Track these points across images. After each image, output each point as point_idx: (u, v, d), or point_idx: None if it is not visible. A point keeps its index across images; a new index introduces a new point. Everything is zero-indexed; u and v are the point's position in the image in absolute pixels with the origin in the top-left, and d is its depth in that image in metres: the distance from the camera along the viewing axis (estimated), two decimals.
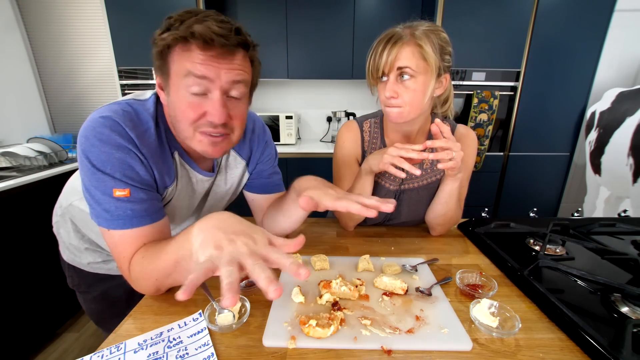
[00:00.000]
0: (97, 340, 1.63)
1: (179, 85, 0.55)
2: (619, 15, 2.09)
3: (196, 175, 0.71)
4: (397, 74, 0.73)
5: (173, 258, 0.51)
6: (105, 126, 0.54)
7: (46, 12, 2.20)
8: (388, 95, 0.74)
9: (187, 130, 0.58)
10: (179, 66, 0.54)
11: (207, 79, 0.54)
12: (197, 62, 0.53)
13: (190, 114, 0.56)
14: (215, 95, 0.55)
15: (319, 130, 2.88)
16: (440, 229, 0.90)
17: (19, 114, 2.15)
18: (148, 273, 0.55)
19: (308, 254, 0.75)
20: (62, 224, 0.83)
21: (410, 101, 0.74)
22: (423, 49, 0.71)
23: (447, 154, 0.68)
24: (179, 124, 0.58)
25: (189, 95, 0.55)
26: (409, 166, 0.68)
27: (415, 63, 0.71)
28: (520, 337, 0.52)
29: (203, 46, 0.52)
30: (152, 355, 0.47)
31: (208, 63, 0.53)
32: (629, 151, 1.64)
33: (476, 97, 2.14)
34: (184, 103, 0.55)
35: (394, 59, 0.71)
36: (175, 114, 0.58)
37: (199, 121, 0.57)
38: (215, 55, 0.53)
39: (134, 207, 0.56)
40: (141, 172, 0.57)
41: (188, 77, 0.53)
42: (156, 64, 0.57)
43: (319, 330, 0.50)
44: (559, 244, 0.81)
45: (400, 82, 0.74)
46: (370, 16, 2.32)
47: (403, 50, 0.71)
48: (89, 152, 0.54)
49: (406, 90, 0.73)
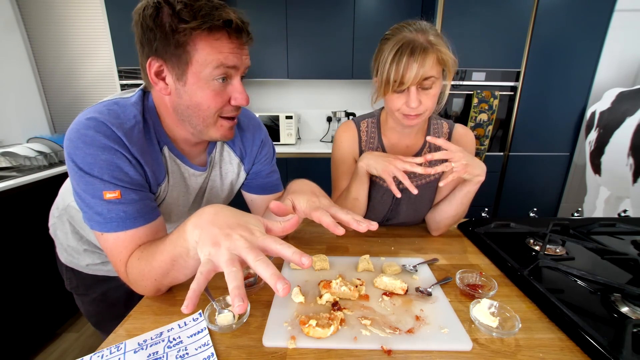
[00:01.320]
0: (97, 340, 1.63)
1: (204, 74, 0.55)
2: (619, 15, 2.09)
3: (188, 169, 0.70)
4: (419, 83, 0.72)
5: (169, 257, 0.50)
6: (89, 128, 0.53)
7: (46, 12, 2.20)
8: (415, 105, 0.73)
9: (211, 117, 0.59)
10: (207, 55, 0.53)
11: (234, 68, 0.56)
12: (228, 52, 0.54)
13: (217, 101, 0.58)
14: (236, 81, 0.58)
15: (319, 130, 2.88)
16: (444, 229, 0.90)
17: (19, 114, 2.15)
18: (146, 274, 0.54)
19: (308, 254, 0.75)
20: (60, 226, 0.82)
21: (430, 107, 0.75)
22: (443, 53, 0.71)
23: (445, 166, 0.71)
24: (201, 112, 0.58)
25: (213, 84, 0.56)
26: (409, 184, 0.72)
27: (437, 70, 0.72)
28: (520, 337, 0.52)
29: (232, 34, 0.54)
30: (152, 355, 0.47)
31: (236, 52, 0.55)
32: (629, 151, 1.64)
33: (476, 97, 2.14)
34: (210, 92, 0.56)
35: (425, 71, 0.69)
36: (196, 103, 0.57)
37: (224, 107, 0.59)
38: (241, 43, 0.56)
39: (126, 208, 0.55)
40: (130, 172, 0.56)
41: (219, 68, 0.54)
42: (167, 51, 0.53)
43: (319, 330, 0.50)
44: (559, 244, 0.81)
45: (422, 92, 0.73)
46: (370, 16, 2.32)
47: (427, 60, 0.69)
48: (75, 155, 0.53)
49: (427, 97, 0.74)
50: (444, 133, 0.90)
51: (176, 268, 0.51)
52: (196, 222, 0.46)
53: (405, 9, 2.30)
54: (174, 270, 0.52)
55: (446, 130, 0.90)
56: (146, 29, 0.53)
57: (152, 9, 0.52)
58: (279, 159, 2.19)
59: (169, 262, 0.51)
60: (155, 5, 0.52)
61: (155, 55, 0.54)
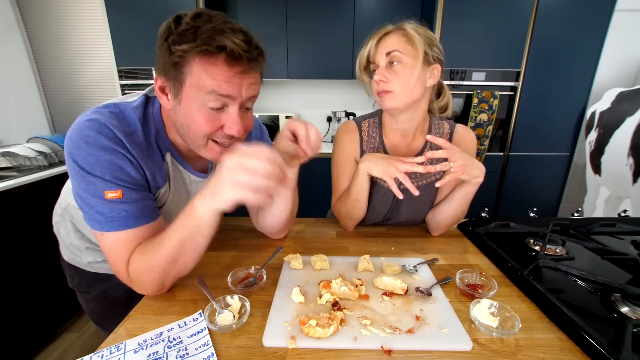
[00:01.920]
0: (97, 340, 1.63)
1: (197, 98, 0.53)
2: (619, 15, 2.09)
3: (190, 176, 0.70)
4: (386, 61, 0.77)
5: (179, 240, 0.52)
6: (92, 129, 0.53)
7: (46, 12, 2.20)
8: (377, 79, 0.78)
9: (200, 140, 0.57)
10: (200, 80, 0.51)
11: (229, 97, 0.53)
12: (221, 80, 0.51)
13: (206, 127, 0.55)
14: (233, 110, 0.55)
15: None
16: (444, 229, 0.90)
17: (19, 114, 2.15)
18: (152, 266, 0.55)
19: (308, 254, 0.75)
20: (62, 224, 0.83)
21: (400, 85, 0.77)
22: (408, 32, 0.75)
23: (444, 165, 0.72)
24: (191, 133, 0.56)
25: (207, 110, 0.53)
26: (410, 185, 0.72)
27: (402, 47, 0.75)
28: (520, 337, 0.52)
29: (230, 62, 0.50)
30: (152, 355, 0.47)
31: (232, 80, 0.52)
32: (629, 151, 1.64)
33: (476, 97, 2.14)
34: (201, 117, 0.54)
35: (383, 46, 0.76)
36: (187, 124, 0.56)
37: (215, 133, 0.56)
38: (239, 71, 0.52)
39: (127, 207, 0.55)
40: (132, 172, 0.56)
41: (210, 94, 0.52)
42: (166, 69, 0.53)
43: (319, 330, 0.50)
44: (559, 244, 0.81)
45: (390, 68, 0.77)
46: (370, 16, 2.32)
47: (390, 37, 0.77)
48: (76, 155, 0.53)
49: (395, 75, 0.76)
50: (445, 133, 0.90)
51: (186, 252, 0.53)
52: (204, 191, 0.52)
53: (405, 9, 2.30)
54: (183, 255, 0.54)
55: (447, 130, 0.90)
56: (158, 46, 0.54)
57: (165, 27, 0.52)
58: None
59: (179, 246, 0.52)
60: (168, 24, 0.52)
61: (161, 71, 0.55)
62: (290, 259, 0.73)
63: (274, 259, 0.72)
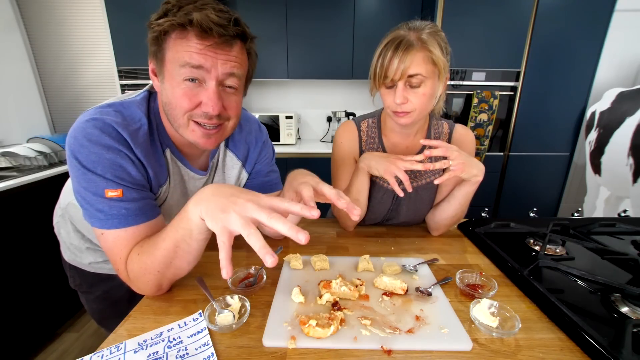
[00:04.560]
0: (97, 340, 1.63)
1: (174, 73, 0.54)
2: (619, 15, 2.09)
3: (188, 172, 0.70)
4: (405, 80, 0.72)
5: (172, 243, 0.51)
6: (95, 127, 0.54)
7: (46, 12, 2.20)
8: (399, 102, 0.73)
9: (181, 118, 0.57)
10: (175, 54, 0.53)
11: (203, 69, 0.53)
12: (193, 52, 0.52)
13: (185, 102, 0.55)
14: (210, 85, 0.55)
15: (319, 130, 2.88)
16: (444, 229, 0.90)
17: (19, 114, 2.15)
18: (148, 267, 0.55)
19: (308, 254, 0.75)
20: (63, 224, 0.83)
21: (419, 106, 0.74)
22: (433, 53, 0.71)
23: (443, 163, 0.72)
24: (173, 111, 0.57)
25: (184, 84, 0.54)
26: (409, 184, 0.73)
27: (425, 69, 0.71)
28: (520, 337, 0.52)
29: (201, 35, 0.51)
30: (152, 355, 0.47)
31: (205, 52, 0.52)
32: (629, 151, 1.64)
33: (476, 97, 2.14)
34: (179, 91, 0.55)
35: (406, 67, 0.70)
36: (169, 101, 0.57)
37: (194, 111, 0.56)
38: (212, 44, 0.52)
39: (127, 206, 0.55)
40: (133, 172, 0.56)
41: (184, 67, 0.53)
42: (151, 49, 0.56)
43: (319, 330, 0.50)
44: (559, 244, 0.81)
45: (410, 88, 0.73)
46: (370, 16, 2.32)
47: (414, 57, 0.70)
48: (78, 153, 0.53)
49: (415, 95, 0.73)
50: (445, 133, 0.90)
51: (179, 255, 0.52)
52: (197, 199, 0.48)
53: (406, 9, 2.30)
54: (177, 258, 0.53)
55: (446, 130, 0.90)
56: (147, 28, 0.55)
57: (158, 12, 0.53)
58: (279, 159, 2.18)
59: (172, 249, 0.52)
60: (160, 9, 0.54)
61: (151, 54, 0.57)
62: (290, 258, 0.73)
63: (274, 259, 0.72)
